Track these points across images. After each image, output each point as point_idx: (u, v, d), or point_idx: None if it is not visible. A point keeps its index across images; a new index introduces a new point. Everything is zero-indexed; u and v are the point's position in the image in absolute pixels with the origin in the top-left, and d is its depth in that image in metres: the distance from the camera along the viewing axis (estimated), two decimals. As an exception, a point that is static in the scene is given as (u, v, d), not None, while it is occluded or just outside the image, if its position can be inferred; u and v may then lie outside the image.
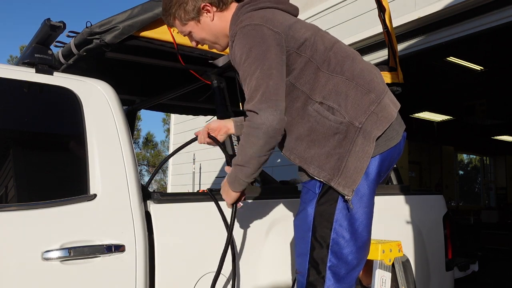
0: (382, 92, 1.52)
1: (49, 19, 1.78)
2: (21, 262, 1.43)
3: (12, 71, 1.68)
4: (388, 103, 1.52)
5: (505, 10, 3.73)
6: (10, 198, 1.54)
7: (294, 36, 1.48)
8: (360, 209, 1.49)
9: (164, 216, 1.75)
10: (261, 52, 1.41)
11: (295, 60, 1.49)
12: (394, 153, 1.57)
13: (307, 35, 1.51)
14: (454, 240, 2.76)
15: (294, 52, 1.48)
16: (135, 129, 13.82)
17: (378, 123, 1.47)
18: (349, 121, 1.46)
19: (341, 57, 1.53)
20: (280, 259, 1.95)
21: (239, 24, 1.50)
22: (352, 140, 1.45)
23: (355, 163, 1.45)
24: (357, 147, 1.45)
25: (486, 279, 5.63)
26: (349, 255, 1.48)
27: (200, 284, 1.75)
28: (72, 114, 1.73)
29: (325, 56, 1.51)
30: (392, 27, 2.87)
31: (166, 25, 2.06)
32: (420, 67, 6.31)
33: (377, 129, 1.47)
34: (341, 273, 1.48)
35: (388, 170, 1.62)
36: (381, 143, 1.50)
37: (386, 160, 1.54)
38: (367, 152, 1.45)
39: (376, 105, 1.48)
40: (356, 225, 1.49)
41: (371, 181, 1.50)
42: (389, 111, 1.51)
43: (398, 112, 1.58)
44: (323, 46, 1.52)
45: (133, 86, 3.05)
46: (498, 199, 14.61)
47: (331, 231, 1.47)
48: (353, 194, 1.46)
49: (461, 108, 9.41)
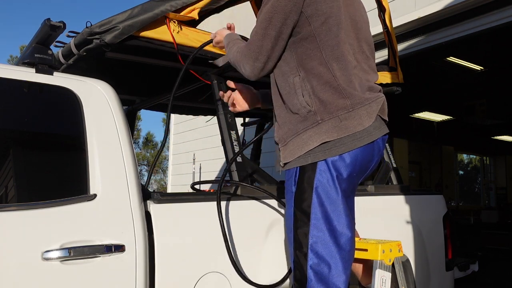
0: (360, 104, 1.52)
1: (49, 19, 1.78)
2: (21, 262, 1.43)
3: (12, 71, 1.68)
4: (361, 114, 1.52)
5: (505, 10, 3.73)
6: (10, 198, 1.54)
7: (316, 2, 1.51)
8: (335, 211, 1.50)
9: (164, 216, 1.75)
10: (275, 12, 1.52)
11: (303, 26, 1.53)
12: (367, 155, 1.56)
13: (331, 10, 1.52)
14: (454, 240, 2.76)
15: (305, 17, 1.52)
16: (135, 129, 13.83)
17: (335, 129, 1.49)
18: (314, 111, 1.51)
19: (347, 53, 1.54)
20: (280, 259, 1.95)
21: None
22: (305, 127, 1.52)
23: (291, 146, 1.54)
24: (304, 135, 1.51)
25: (486, 279, 5.63)
26: (329, 254, 1.48)
27: (200, 284, 1.75)
28: (72, 114, 1.73)
29: (334, 42, 1.53)
30: (392, 27, 2.88)
31: (166, 25, 2.07)
32: (420, 67, 6.31)
33: (330, 134, 1.49)
34: (324, 272, 1.48)
35: (362, 172, 1.60)
36: (347, 142, 1.50)
37: (357, 161, 1.53)
38: (305, 147, 1.50)
39: (345, 112, 1.50)
40: (334, 224, 1.50)
41: (342, 182, 1.51)
42: (354, 124, 1.50)
43: (381, 118, 1.60)
44: (340, 33, 1.53)
45: (133, 86, 3.05)
46: (498, 199, 14.62)
47: (309, 229, 1.50)
48: (314, 192, 1.50)
49: (461, 108, 9.41)
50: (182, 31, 2.13)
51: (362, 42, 1.65)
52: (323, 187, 1.49)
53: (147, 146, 18.07)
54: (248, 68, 1.61)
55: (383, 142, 1.64)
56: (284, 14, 1.51)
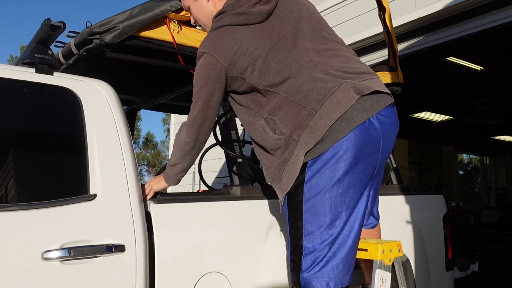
0: (320, 100, 1.53)
1: (49, 19, 1.78)
2: (21, 262, 1.43)
3: (12, 71, 1.68)
4: (327, 109, 1.52)
5: (505, 10, 3.73)
6: (10, 198, 1.54)
7: (237, 62, 1.62)
8: (325, 200, 1.52)
9: (164, 216, 1.75)
10: (201, 81, 1.67)
11: (242, 83, 1.65)
12: (364, 138, 1.53)
13: (253, 56, 1.61)
14: (454, 240, 2.76)
15: (238, 77, 1.64)
16: (135, 129, 13.83)
17: (311, 136, 1.53)
18: (288, 135, 1.58)
19: (285, 73, 1.60)
20: (280, 259, 1.95)
21: (201, 45, 1.69)
22: (290, 152, 1.58)
23: (288, 173, 1.58)
24: (292, 158, 1.57)
25: (486, 279, 5.63)
26: (321, 246, 1.52)
27: (200, 284, 1.75)
28: (72, 114, 1.73)
29: (271, 75, 1.61)
30: (392, 27, 2.87)
31: (166, 25, 2.07)
32: (420, 67, 6.31)
33: (309, 142, 1.53)
34: (316, 263, 1.53)
35: (368, 156, 1.57)
36: (327, 138, 1.51)
37: (348, 148, 1.51)
38: (298, 164, 1.55)
39: (311, 117, 1.54)
40: (321, 217, 1.52)
41: (337, 171, 1.51)
42: (323, 122, 1.52)
43: (368, 97, 1.56)
44: (270, 66, 1.61)
45: (133, 86, 3.05)
46: (498, 199, 14.63)
47: (302, 223, 1.56)
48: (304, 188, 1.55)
49: (461, 108, 9.41)
50: (182, 31, 2.13)
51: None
52: (312, 182, 1.53)
53: (147, 146, 18.04)
54: (185, 139, 1.72)
55: (385, 119, 1.59)
56: (209, 91, 1.66)
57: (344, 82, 1.56)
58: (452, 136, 11.88)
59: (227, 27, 1.65)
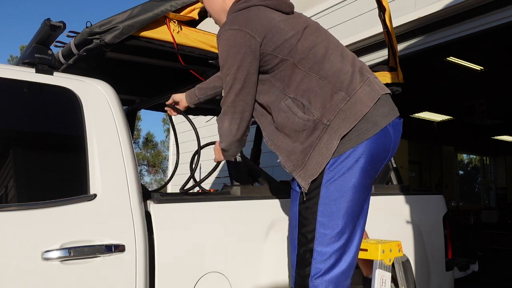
0: (353, 89, 1.54)
1: (49, 19, 1.78)
2: (21, 262, 1.43)
3: (12, 71, 1.68)
4: (361, 98, 1.53)
5: (505, 10, 3.73)
6: (10, 198, 1.54)
7: (272, 38, 1.56)
8: (343, 203, 1.50)
9: (164, 216, 1.75)
10: (235, 62, 1.56)
11: (271, 60, 1.58)
12: (381, 144, 1.55)
13: (288, 35, 1.57)
14: (454, 240, 2.76)
15: (269, 54, 1.57)
16: (135, 129, 13.83)
17: (346, 120, 1.50)
18: (318, 118, 1.52)
19: (320, 57, 1.58)
20: (280, 259, 1.95)
21: (223, 26, 1.59)
22: (318, 137, 1.52)
23: (317, 158, 1.51)
24: (321, 143, 1.51)
25: (486, 279, 5.63)
26: (332, 250, 1.50)
27: (200, 284, 1.75)
28: (72, 114, 1.73)
29: (304, 54, 1.57)
30: (392, 27, 2.88)
31: (166, 25, 2.07)
32: (420, 67, 6.31)
33: (344, 126, 1.50)
34: (326, 268, 1.50)
35: (378, 162, 1.59)
36: (352, 138, 1.51)
37: (368, 152, 1.52)
38: (330, 150, 1.50)
39: (345, 102, 1.52)
40: (337, 221, 1.50)
41: (352, 177, 1.51)
42: (359, 108, 1.52)
43: (385, 100, 1.59)
44: (303, 46, 1.58)
45: (133, 86, 3.05)
46: (498, 199, 14.62)
47: (315, 226, 1.51)
48: (321, 189, 1.51)
49: (461, 108, 9.41)
50: (182, 31, 2.13)
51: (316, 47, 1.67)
52: (331, 184, 1.50)
53: (147, 146, 18.04)
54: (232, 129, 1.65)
55: (395, 129, 1.62)
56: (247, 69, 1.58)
57: (368, 77, 1.60)
58: (452, 136, 11.88)
59: (259, 6, 1.61)
